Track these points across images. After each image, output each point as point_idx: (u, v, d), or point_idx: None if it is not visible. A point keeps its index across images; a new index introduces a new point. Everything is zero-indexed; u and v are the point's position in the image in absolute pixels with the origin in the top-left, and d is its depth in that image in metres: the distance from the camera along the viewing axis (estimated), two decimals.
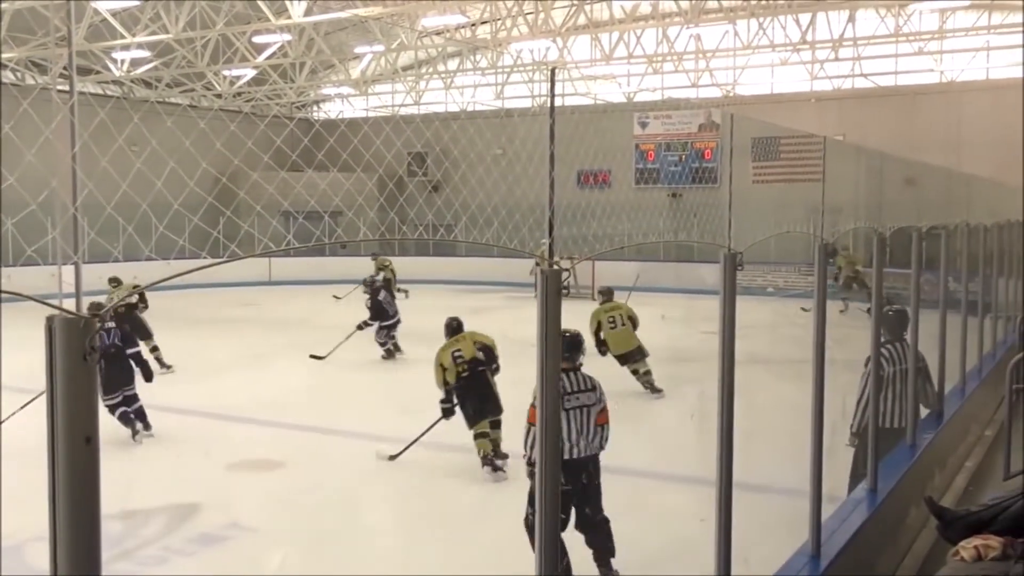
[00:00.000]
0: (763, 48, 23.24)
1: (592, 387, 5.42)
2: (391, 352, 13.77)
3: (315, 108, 32.26)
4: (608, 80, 26.21)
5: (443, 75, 27.75)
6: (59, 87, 23.43)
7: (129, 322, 10.49)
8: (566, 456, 5.12)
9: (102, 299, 10.61)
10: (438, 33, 23.61)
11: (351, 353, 13.41)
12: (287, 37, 22.42)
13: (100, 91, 24.88)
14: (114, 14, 19.15)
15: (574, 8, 22.91)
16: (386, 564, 5.71)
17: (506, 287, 23.59)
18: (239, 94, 27.68)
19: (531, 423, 4.89)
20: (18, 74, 23.42)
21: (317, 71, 27.62)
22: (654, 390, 10.76)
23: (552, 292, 2.75)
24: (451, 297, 22.84)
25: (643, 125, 27.97)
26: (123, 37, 19.88)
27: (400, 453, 7.93)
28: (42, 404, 1.59)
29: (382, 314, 13.62)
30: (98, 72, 23.70)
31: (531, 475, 4.96)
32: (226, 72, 25.32)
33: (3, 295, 1.56)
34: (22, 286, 1.58)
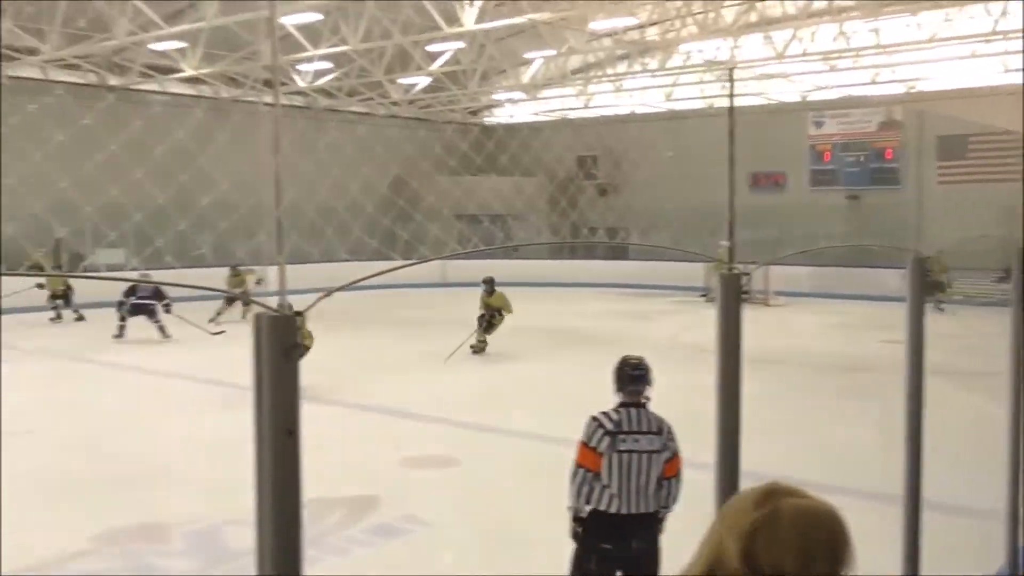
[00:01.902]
0: (949, 40, 21.92)
1: (658, 429, 4.38)
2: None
3: (486, 113, 32.87)
4: (782, 79, 25.42)
5: (612, 78, 27.67)
6: (247, 99, 24.89)
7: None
8: (612, 510, 4.35)
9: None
10: (607, 36, 23.56)
11: (522, 352, 13.59)
12: (460, 45, 22.94)
13: (286, 102, 26.25)
14: (299, 28, 20.15)
15: (746, 6, 22.35)
16: (560, 564, 5.74)
17: (675, 291, 23.27)
18: (412, 101, 28.54)
19: (581, 465, 4.42)
20: (215, 88, 25.01)
21: (488, 77, 28.14)
22: None
23: (732, 297, 2.70)
24: (618, 301, 22.76)
25: (818, 125, 26.96)
26: (307, 50, 20.89)
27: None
28: (240, 400, 1.70)
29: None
30: (284, 84, 24.99)
31: (577, 535, 4.53)
32: (401, 80, 26.16)
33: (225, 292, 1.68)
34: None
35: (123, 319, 15.77)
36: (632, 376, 4.45)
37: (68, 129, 19.73)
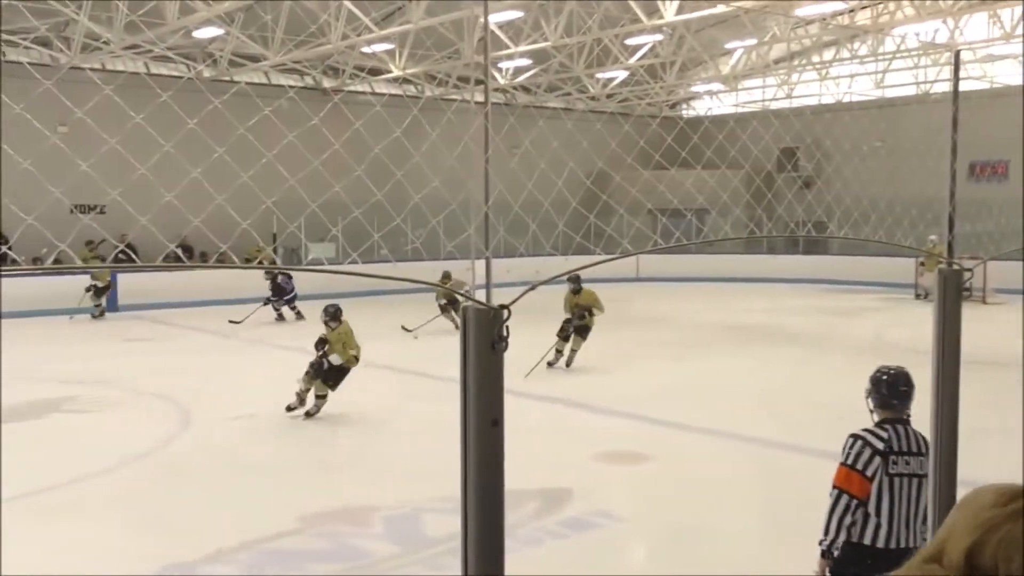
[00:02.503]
0: None
1: (926, 450, 3.73)
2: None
3: (684, 106, 32.38)
4: (1012, 60, 23.56)
5: (818, 66, 26.57)
6: (449, 97, 25.68)
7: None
8: (878, 543, 3.81)
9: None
10: (814, 22, 22.62)
11: (713, 348, 13.30)
12: (658, 37, 22.72)
13: (482, 99, 26.83)
14: (500, 26, 20.57)
15: None
16: (754, 564, 5.61)
17: (882, 287, 22.11)
18: (610, 96, 28.52)
19: (844, 491, 3.82)
20: (419, 86, 25.99)
21: (687, 69, 27.70)
22: None
23: (952, 294, 2.54)
24: (818, 297, 21.89)
25: None
26: (508, 47, 21.29)
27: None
28: (445, 389, 1.75)
29: None
30: (483, 82, 25.58)
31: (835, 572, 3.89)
32: (599, 75, 26.20)
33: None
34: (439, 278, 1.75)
35: (278, 311, 18.18)
36: (902, 391, 3.93)
37: (293, 129, 21.03)
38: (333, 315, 9.83)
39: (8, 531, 6.29)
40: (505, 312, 1.71)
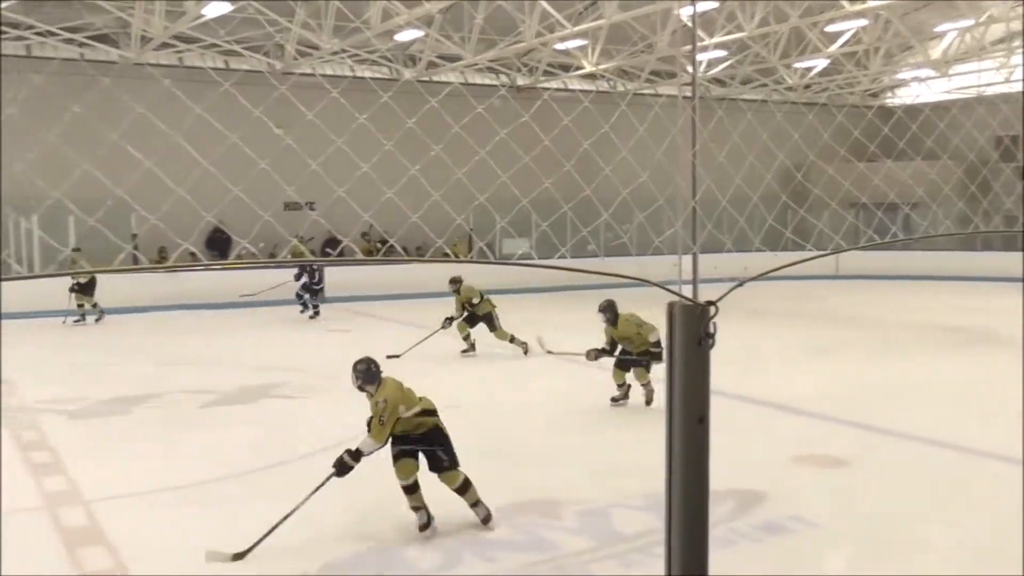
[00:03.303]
0: None
1: None
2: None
3: (889, 94, 30.71)
4: None
5: None
6: (641, 92, 25.49)
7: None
8: None
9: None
10: None
11: (917, 349, 12.58)
12: (862, 22, 21.67)
13: (674, 92, 26.54)
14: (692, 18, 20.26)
15: None
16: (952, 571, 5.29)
17: None
18: (808, 86, 27.46)
19: None
20: (611, 82, 25.97)
21: (893, 55, 26.26)
22: None
23: None
24: None
25: None
26: (702, 40, 20.92)
27: None
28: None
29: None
30: (675, 75, 25.31)
31: None
32: (797, 64, 25.28)
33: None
34: (646, 273, 1.77)
35: (309, 306, 17.87)
36: None
37: (487, 127, 21.56)
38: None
39: (225, 507, 6.80)
40: (712, 308, 1.69)
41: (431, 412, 6.18)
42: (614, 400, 9.96)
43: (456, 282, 13.65)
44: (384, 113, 7.91)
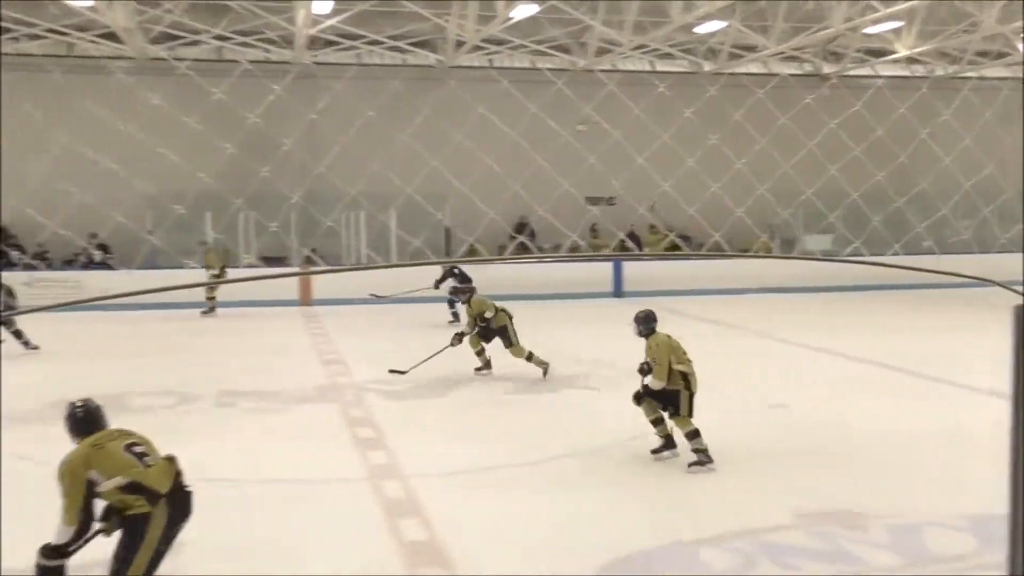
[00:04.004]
0: None
1: None
2: None
3: None
4: None
5: None
6: (964, 75, 23.43)
7: None
8: None
9: None
10: None
11: None
12: None
13: (1010, 74, 24.15)
14: None
15: None
16: None
17: None
18: None
19: None
20: (927, 65, 24.11)
21: None
22: None
23: None
24: None
25: None
26: None
27: None
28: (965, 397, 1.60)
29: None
30: (1007, 55, 23.04)
31: None
32: None
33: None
34: (993, 272, 1.62)
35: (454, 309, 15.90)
36: None
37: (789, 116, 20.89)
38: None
39: (523, 489, 7.09)
40: None
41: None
42: (656, 453, 7.70)
43: (465, 292, 12.23)
44: (666, 106, 7.84)
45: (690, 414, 7.45)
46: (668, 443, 7.70)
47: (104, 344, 14.40)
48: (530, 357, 11.35)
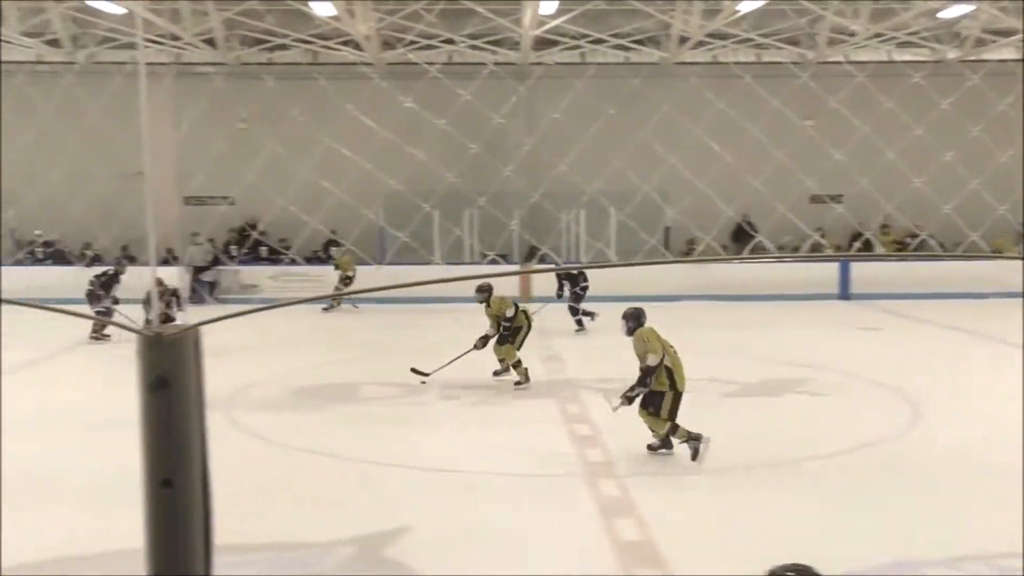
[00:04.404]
0: None
1: None
2: None
3: None
4: None
5: None
6: None
7: None
8: None
9: None
10: None
11: None
12: None
13: None
14: None
15: None
16: None
17: None
18: None
19: None
20: None
21: None
22: None
23: None
24: None
25: None
26: None
27: None
28: None
29: None
30: None
31: None
32: None
33: None
34: None
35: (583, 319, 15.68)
36: None
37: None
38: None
39: (750, 496, 6.97)
40: None
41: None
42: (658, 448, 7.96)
43: (484, 291, 11.33)
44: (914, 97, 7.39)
45: (671, 418, 7.59)
46: (666, 443, 7.85)
47: (339, 337, 15.45)
48: (517, 364, 11.02)
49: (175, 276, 17.47)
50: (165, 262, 19.16)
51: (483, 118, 19.10)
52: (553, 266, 21.32)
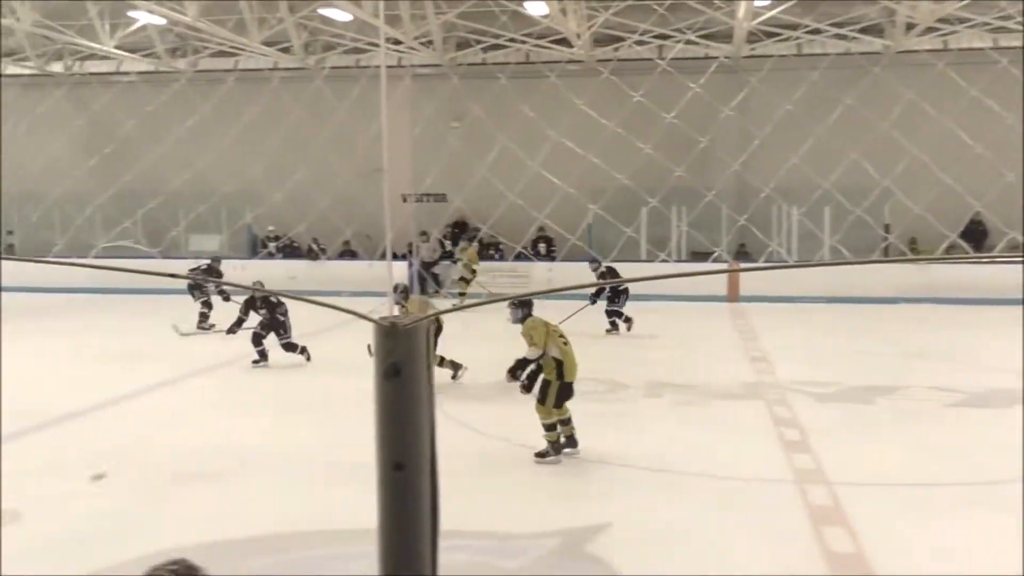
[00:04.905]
0: None
1: None
2: None
3: None
4: None
5: None
6: None
7: None
8: None
9: None
10: None
11: None
12: None
13: None
14: None
15: None
16: None
17: None
18: None
19: None
20: None
21: None
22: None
23: None
24: None
25: None
26: None
27: None
28: None
29: None
30: None
31: None
32: None
33: None
34: None
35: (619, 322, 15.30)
36: None
37: None
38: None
39: (955, 517, 6.52)
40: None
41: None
42: (541, 456, 7.81)
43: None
44: None
45: (557, 406, 7.66)
46: (556, 448, 7.79)
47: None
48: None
49: (402, 271, 19.04)
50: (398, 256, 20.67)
51: (699, 112, 18.54)
52: (773, 264, 20.60)
